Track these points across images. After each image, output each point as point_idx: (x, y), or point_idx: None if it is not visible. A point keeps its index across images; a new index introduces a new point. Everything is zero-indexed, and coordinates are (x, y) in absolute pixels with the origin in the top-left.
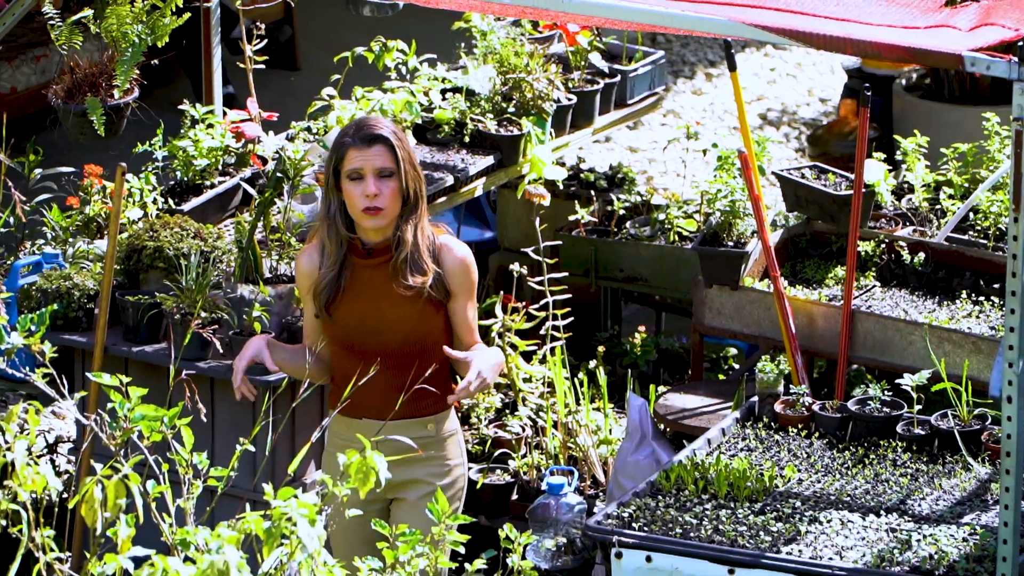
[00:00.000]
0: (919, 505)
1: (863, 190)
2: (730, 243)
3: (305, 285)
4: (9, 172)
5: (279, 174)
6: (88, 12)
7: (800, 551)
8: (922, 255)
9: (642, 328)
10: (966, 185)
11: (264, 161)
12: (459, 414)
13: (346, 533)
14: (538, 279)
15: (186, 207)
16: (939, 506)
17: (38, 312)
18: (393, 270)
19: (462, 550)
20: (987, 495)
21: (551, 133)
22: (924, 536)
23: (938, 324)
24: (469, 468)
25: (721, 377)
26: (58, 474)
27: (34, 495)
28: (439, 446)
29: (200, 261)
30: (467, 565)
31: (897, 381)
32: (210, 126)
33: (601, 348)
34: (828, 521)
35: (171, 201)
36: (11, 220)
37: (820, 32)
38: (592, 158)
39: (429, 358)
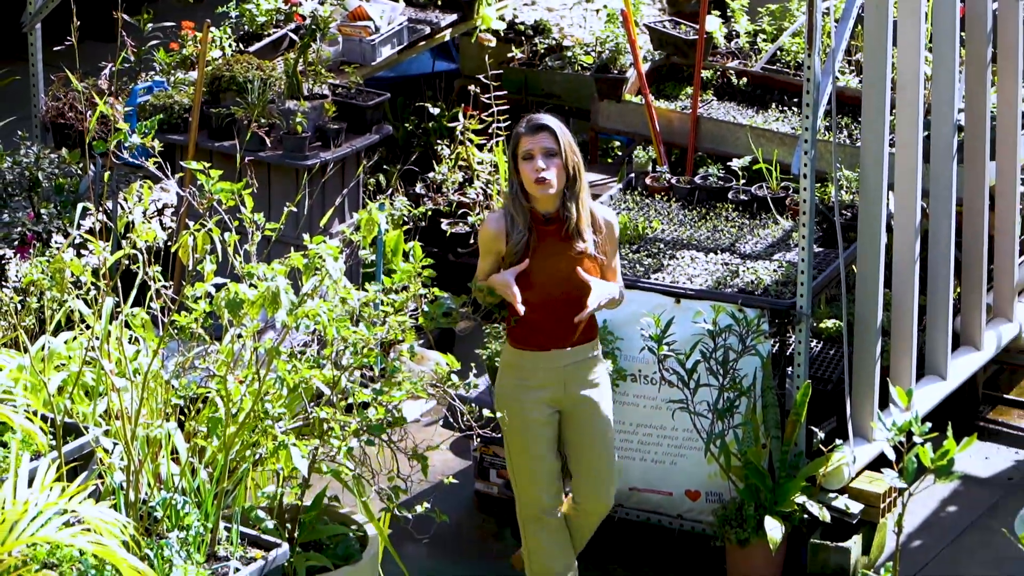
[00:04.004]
0: (744, 247)
1: (705, 36)
2: (615, 71)
3: (491, 245)
4: (130, 27)
5: (313, 27)
6: None
7: (664, 278)
8: (745, 79)
9: None
10: (775, 32)
11: (304, 18)
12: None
13: (537, 438)
14: (487, 96)
15: (251, 49)
16: (757, 248)
17: (150, 120)
18: (566, 235)
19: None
20: (790, 241)
21: None
22: (747, 268)
23: (756, 126)
24: (442, 222)
25: (609, 161)
26: (164, 229)
27: (147, 244)
28: (598, 362)
29: (260, 85)
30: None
31: (728, 163)
32: None
33: None
34: (682, 258)
35: (241, 45)
36: (131, 58)
37: None
38: (523, 15)
39: (587, 299)
